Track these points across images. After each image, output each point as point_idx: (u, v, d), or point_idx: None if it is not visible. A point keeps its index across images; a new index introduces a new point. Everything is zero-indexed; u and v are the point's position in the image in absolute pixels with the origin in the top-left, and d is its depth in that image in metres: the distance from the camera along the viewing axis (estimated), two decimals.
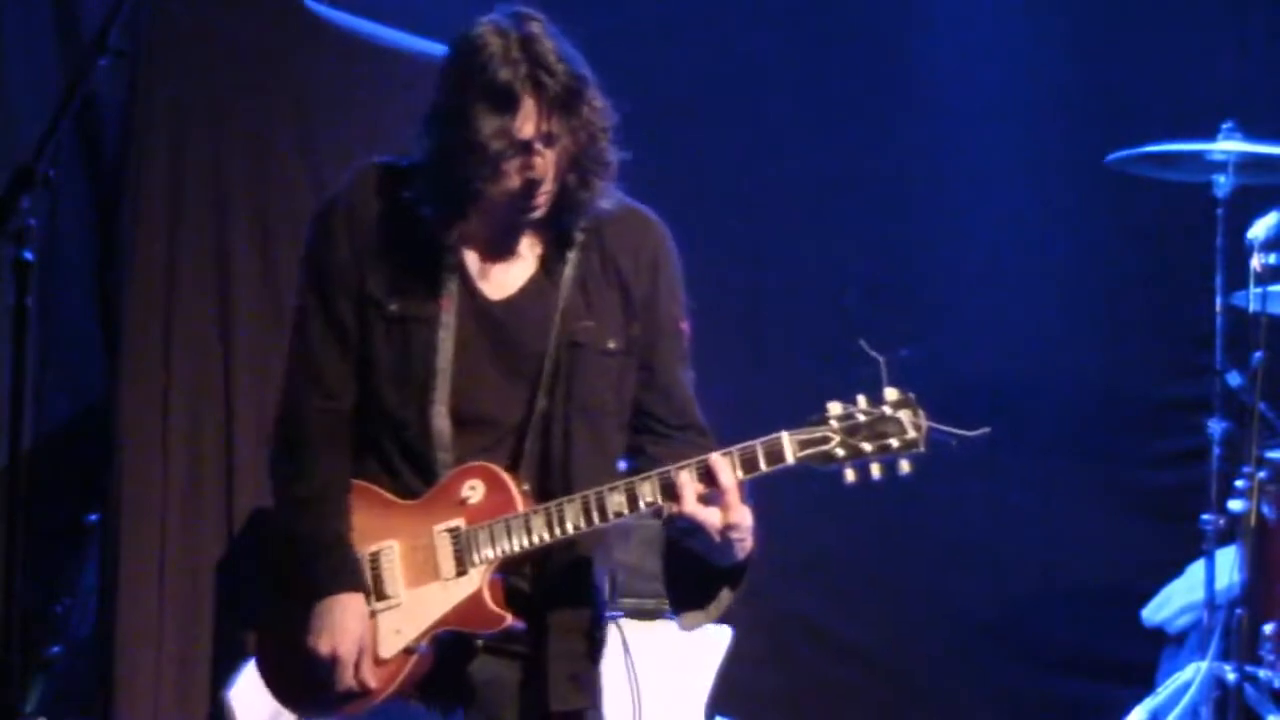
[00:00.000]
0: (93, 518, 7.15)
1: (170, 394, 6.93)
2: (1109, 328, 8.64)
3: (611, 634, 6.63)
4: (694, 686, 7.27)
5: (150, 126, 7.18)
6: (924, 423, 4.91)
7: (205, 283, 6.86)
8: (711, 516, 4.81)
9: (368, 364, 5.15)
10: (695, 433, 5.09)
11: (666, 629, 7.19)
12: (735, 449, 4.91)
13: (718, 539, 4.85)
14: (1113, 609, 8.30)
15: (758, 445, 4.90)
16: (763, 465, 4.90)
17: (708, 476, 4.84)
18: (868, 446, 4.91)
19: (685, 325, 5.17)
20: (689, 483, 4.82)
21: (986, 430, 4.96)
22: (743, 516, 4.83)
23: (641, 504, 4.89)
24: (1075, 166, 8.20)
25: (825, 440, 4.91)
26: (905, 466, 4.92)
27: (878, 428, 4.94)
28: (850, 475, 4.94)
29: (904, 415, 4.92)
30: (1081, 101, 8.70)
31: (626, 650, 7.06)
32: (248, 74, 7.09)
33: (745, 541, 4.88)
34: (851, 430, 4.91)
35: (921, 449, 4.90)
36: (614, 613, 7.00)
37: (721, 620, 7.02)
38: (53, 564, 7.37)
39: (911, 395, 4.95)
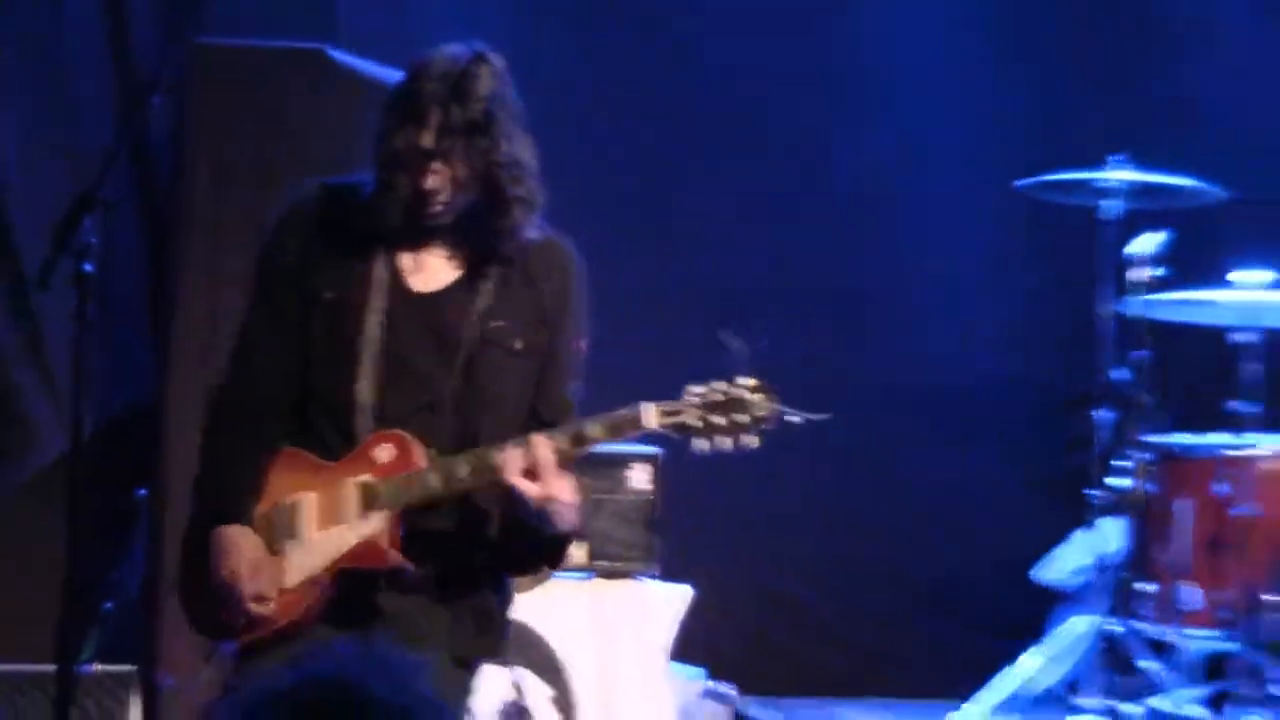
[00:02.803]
0: (141, 493, 7.15)
1: (216, 378, 6.92)
2: (1017, 332, 8.64)
3: (583, 591, 6.92)
4: (657, 640, 7.18)
5: (197, 157, 7.18)
6: (774, 405, 4.91)
7: (242, 293, 6.88)
8: (533, 489, 4.84)
9: (306, 346, 5.15)
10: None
11: (635, 588, 7.17)
12: (598, 419, 4.95)
13: (536, 508, 4.86)
14: (1020, 572, 8.23)
15: (624, 413, 4.94)
16: (627, 430, 4.95)
17: (538, 453, 4.85)
18: (721, 421, 4.91)
19: (583, 344, 5.18)
20: (514, 461, 4.87)
21: (828, 415, 4.96)
22: (561, 490, 4.84)
23: (497, 463, 4.88)
24: (990, 191, 8.12)
25: (683, 412, 4.92)
26: (753, 442, 4.91)
27: (732, 406, 4.93)
28: (704, 445, 4.92)
29: (756, 398, 4.92)
30: (994, 133, 8.65)
31: (597, 606, 6.98)
32: (278, 115, 7.08)
33: (565, 515, 4.89)
34: (708, 407, 4.91)
35: (769, 428, 4.89)
36: (588, 573, 6.97)
37: (680, 579, 7.17)
38: (107, 534, 7.32)
39: (765, 382, 4.94)
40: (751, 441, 4.90)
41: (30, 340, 7.78)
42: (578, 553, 6.40)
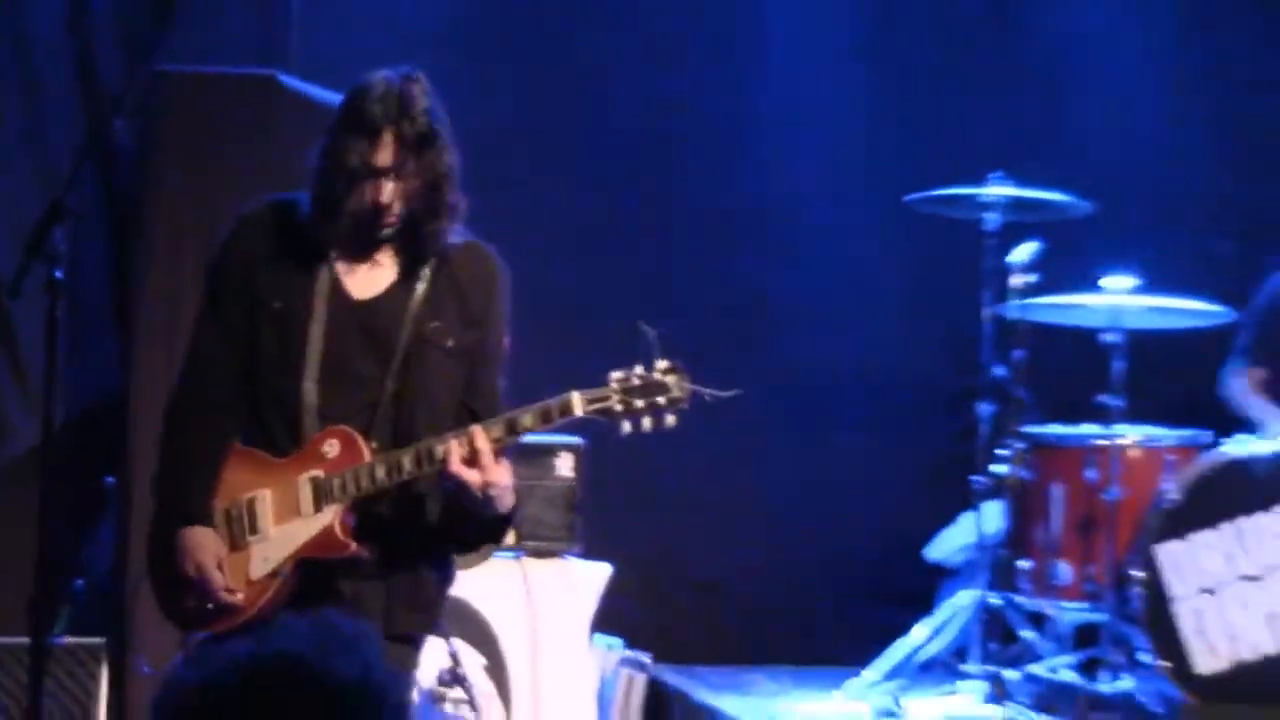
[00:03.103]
0: (109, 481, 7.16)
1: (165, 385, 6.88)
2: (909, 332, 8.64)
3: (514, 569, 6.98)
4: (580, 613, 7.25)
5: (157, 174, 7.20)
6: (688, 386, 4.95)
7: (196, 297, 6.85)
8: (473, 475, 4.87)
9: (255, 351, 5.14)
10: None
11: (560, 566, 7.24)
12: (526, 409, 4.99)
13: (479, 495, 4.91)
14: (912, 550, 8.31)
15: (553, 402, 4.97)
16: (557, 417, 4.97)
17: (475, 444, 4.89)
18: (641, 403, 4.95)
19: (506, 341, 5.23)
20: (457, 450, 4.90)
21: (738, 392, 4.98)
22: (498, 475, 4.88)
23: (439, 455, 4.92)
24: (884, 203, 8.10)
25: (607, 398, 4.96)
26: (671, 421, 4.97)
27: (650, 389, 4.97)
28: (627, 427, 4.98)
29: (671, 380, 4.96)
30: (889, 151, 8.68)
31: (527, 583, 7.02)
32: (233, 135, 7.08)
33: (503, 498, 4.93)
34: (628, 391, 4.94)
35: (685, 406, 4.94)
36: (518, 552, 7.01)
37: (600, 557, 7.27)
38: (77, 517, 7.36)
39: (678, 363, 4.99)
40: (670, 421, 4.96)
41: (3, 341, 7.76)
42: (509, 534, 6.49)
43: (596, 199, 8.73)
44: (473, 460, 4.90)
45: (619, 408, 4.99)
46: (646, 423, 5.00)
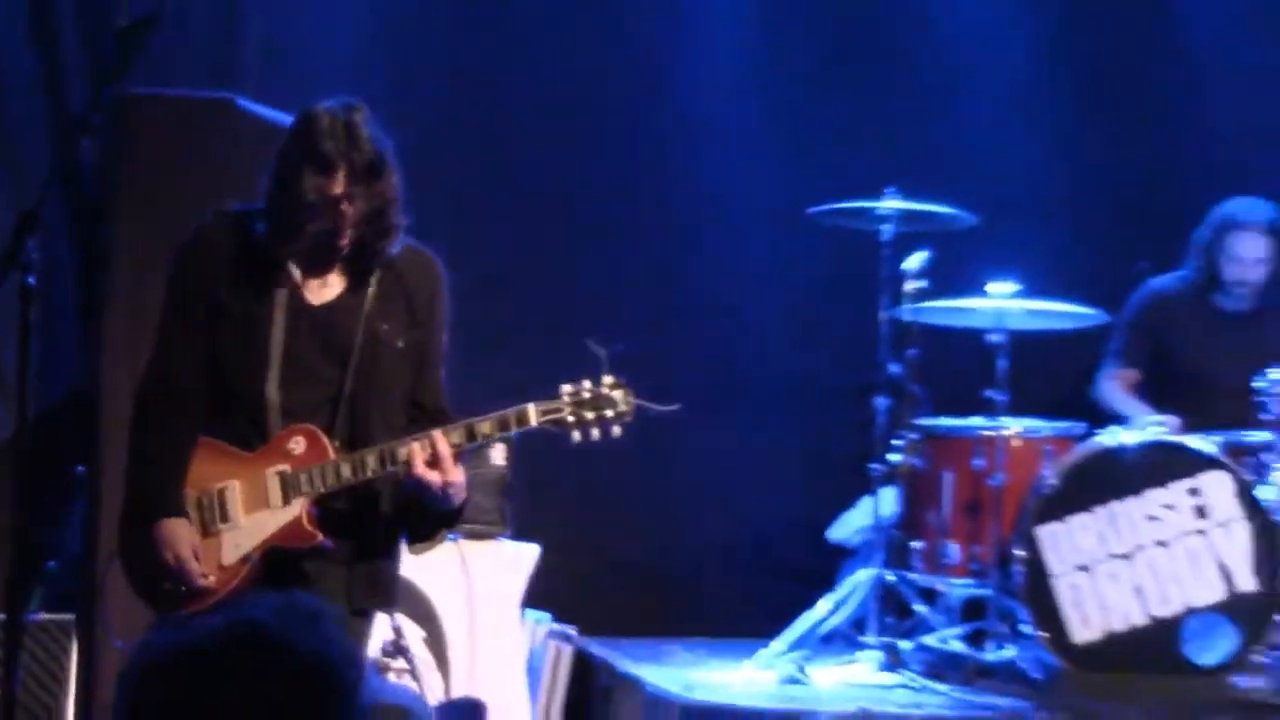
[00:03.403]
0: (79, 469, 7.13)
1: (131, 381, 6.78)
2: (814, 333, 8.67)
3: (453, 550, 6.98)
4: (511, 590, 7.30)
5: (122, 187, 7.13)
6: (633, 400, 5.06)
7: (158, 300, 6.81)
8: (434, 476, 4.95)
9: (219, 354, 5.17)
10: (445, 417, 5.17)
11: (494, 547, 7.25)
12: (484, 418, 5.06)
13: (436, 490, 4.98)
14: (816, 532, 8.35)
15: (510, 412, 5.05)
16: (514, 426, 5.06)
17: (436, 447, 4.97)
18: (590, 415, 5.05)
19: (445, 339, 5.30)
20: (420, 452, 4.98)
21: (676, 406, 5.17)
22: (457, 475, 4.98)
23: (401, 456, 5.00)
24: (791, 214, 8.10)
25: (559, 410, 5.04)
26: (617, 431, 5.08)
27: (599, 403, 5.07)
28: (577, 436, 5.08)
29: (618, 395, 5.06)
30: (793, 166, 8.67)
31: (465, 565, 7.04)
32: (193, 153, 6.99)
33: (459, 495, 5.02)
34: (579, 404, 5.04)
35: (629, 419, 5.05)
36: (456, 534, 6.96)
37: (530, 539, 7.32)
38: (50, 503, 7.27)
39: (623, 379, 5.09)
40: (616, 432, 5.08)
41: None
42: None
43: (522, 211, 8.72)
44: (434, 463, 4.97)
45: (570, 419, 5.08)
46: (595, 433, 5.10)
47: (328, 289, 5.22)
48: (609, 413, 5.10)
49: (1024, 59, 9.09)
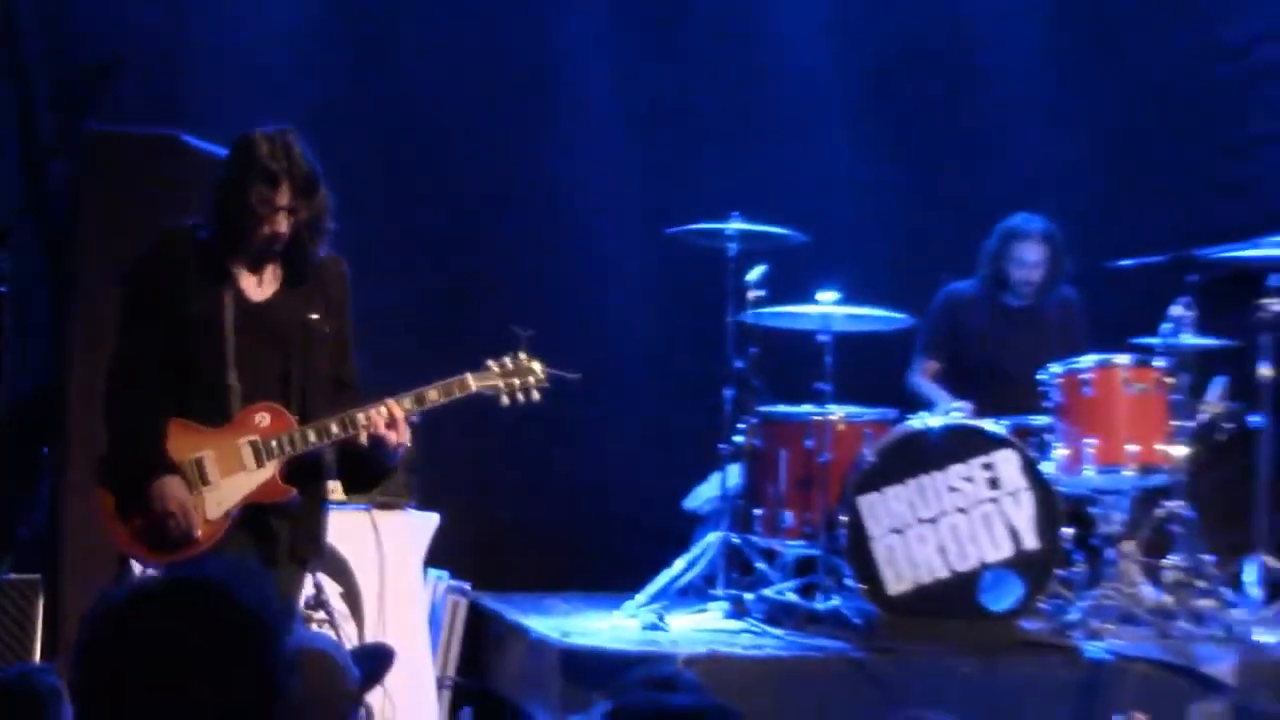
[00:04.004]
0: (45, 451, 7.12)
1: (96, 373, 6.67)
2: (674, 333, 8.73)
3: (366, 518, 7.02)
4: (415, 551, 7.34)
5: (83, 209, 7.13)
6: (548, 370, 5.39)
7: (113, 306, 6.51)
8: (392, 435, 5.15)
9: (181, 348, 5.25)
10: (361, 389, 5.35)
11: (400, 516, 7.27)
12: (432, 386, 5.29)
13: (391, 448, 5.18)
14: (675, 501, 8.38)
15: (453, 381, 5.30)
16: (458, 394, 5.31)
17: (393, 411, 5.17)
18: (516, 382, 5.34)
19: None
20: (380, 416, 5.16)
21: (579, 375, 5.52)
22: (406, 437, 5.18)
23: (361, 422, 5.17)
24: (653, 234, 8.10)
25: (492, 378, 5.34)
26: (536, 396, 5.40)
27: (522, 372, 5.37)
28: (505, 400, 5.38)
29: (535, 365, 5.38)
30: (656, 193, 8.74)
31: (376, 531, 7.06)
32: (144, 181, 6.97)
33: (403, 452, 5.22)
34: (506, 373, 5.33)
35: (546, 385, 5.38)
36: (368, 504, 7.00)
37: (431, 509, 7.37)
38: (20, 480, 7.26)
39: (538, 357, 5.41)
40: (535, 396, 5.37)
41: None
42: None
43: (431, 225, 8.76)
44: (391, 425, 5.15)
45: (501, 384, 5.33)
46: (520, 397, 5.37)
47: (264, 288, 5.32)
48: (531, 380, 5.38)
49: (849, 97, 9.13)
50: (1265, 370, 7.63)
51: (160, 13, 8.32)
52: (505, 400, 5.42)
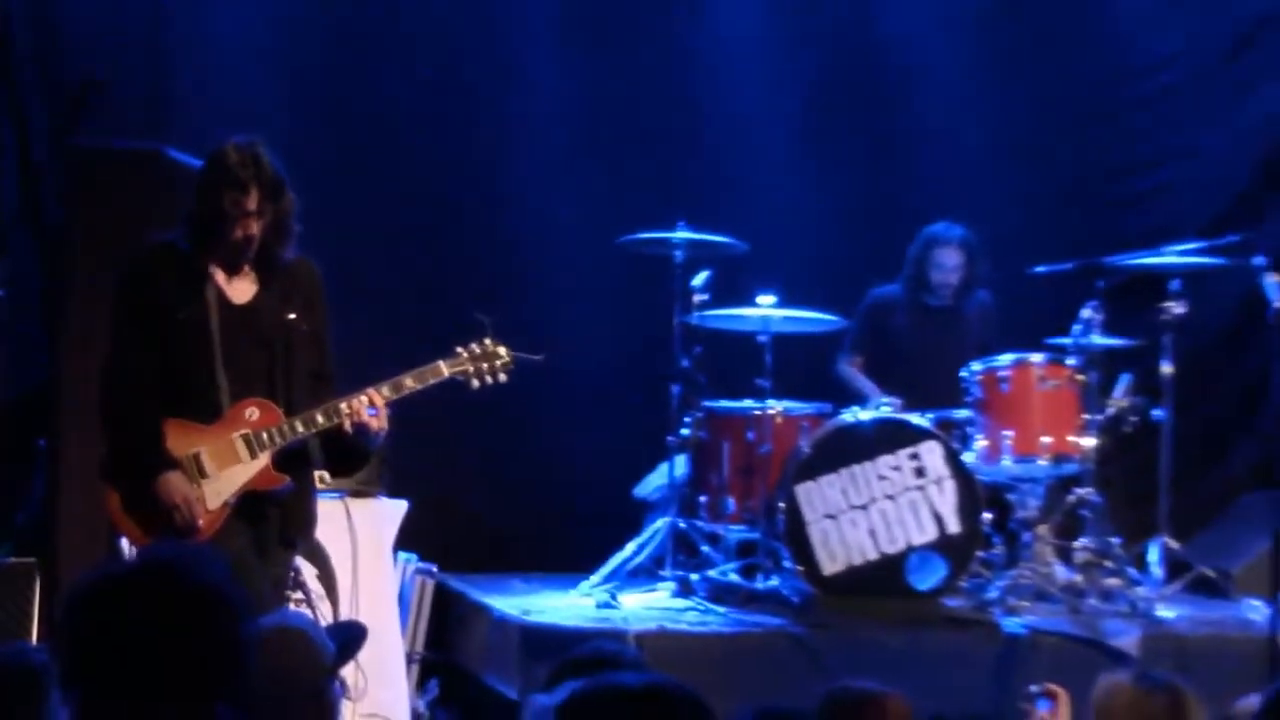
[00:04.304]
0: (41, 443, 7.13)
1: (88, 371, 6.34)
2: (626, 333, 8.58)
3: (339, 506, 6.95)
4: (386, 536, 7.30)
5: (75, 222, 7.11)
6: (513, 354, 5.45)
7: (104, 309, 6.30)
8: (374, 421, 5.19)
9: (171, 352, 5.28)
10: (334, 381, 5.39)
11: (372, 503, 7.22)
12: (407, 373, 5.34)
13: (373, 434, 5.21)
14: (627, 489, 8.33)
15: (427, 368, 5.35)
16: (431, 380, 5.36)
17: (374, 400, 5.21)
18: (485, 366, 5.40)
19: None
20: (362, 405, 5.19)
21: (542, 356, 5.60)
22: (384, 422, 5.20)
23: (345, 411, 5.20)
24: (606, 242, 8.02)
25: (463, 363, 5.38)
26: (503, 378, 5.44)
27: (489, 357, 5.43)
28: (475, 384, 5.43)
29: (501, 350, 5.43)
30: (610, 203, 8.64)
31: (349, 517, 7.01)
32: (130, 193, 6.94)
33: (383, 436, 5.23)
34: (475, 358, 5.38)
35: (512, 368, 5.43)
36: (342, 492, 6.96)
37: (400, 496, 7.35)
38: (17, 470, 7.31)
39: (503, 341, 5.47)
40: (503, 378, 5.42)
41: None
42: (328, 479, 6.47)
43: (402, 229, 8.68)
44: (372, 411, 5.19)
45: (471, 369, 5.38)
46: (489, 379, 5.41)
47: (244, 291, 5.34)
48: (498, 363, 5.43)
49: (787, 112, 9.10)
50: (1166, 368, 7.77)
51: (144, 36, 8.25)
52: (475, 383, 5.49)
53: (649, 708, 2.80)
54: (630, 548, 7.89)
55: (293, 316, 5.37)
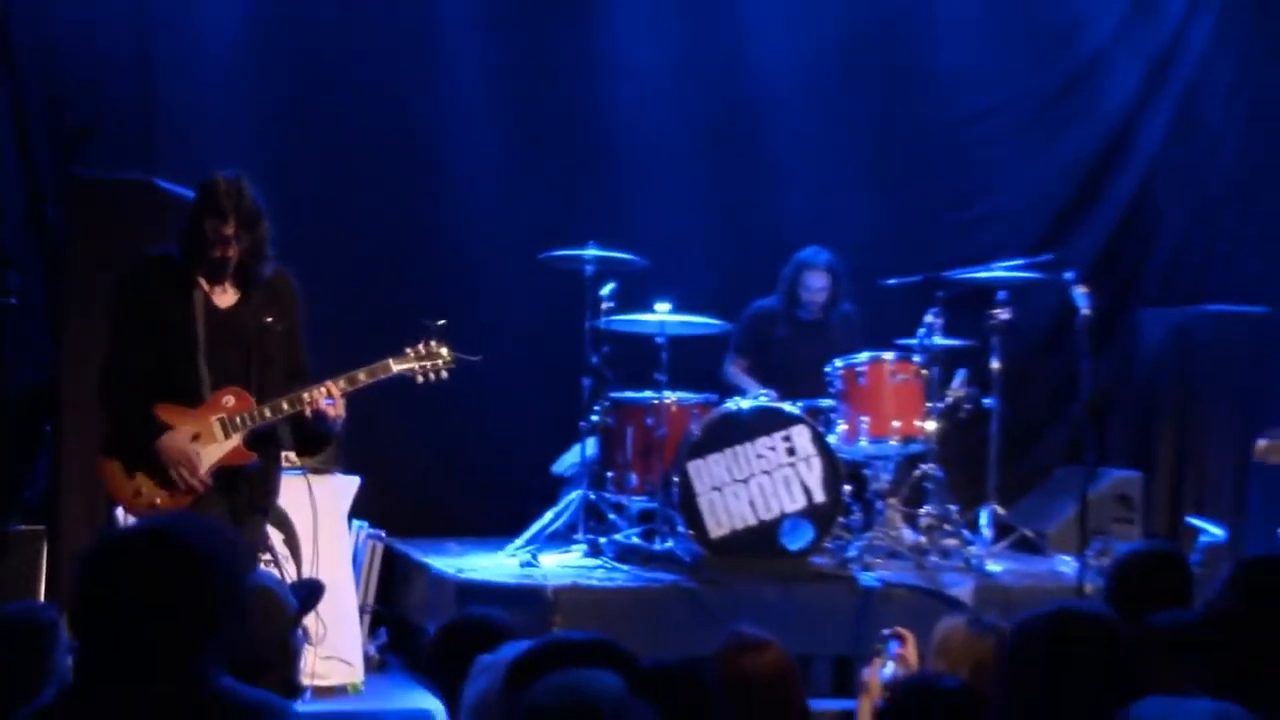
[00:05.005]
0: (46, 428, 7.08)
1: (85, 367, 6.40)
2: (547, 334, 8.48)
3: (302, 481, 6.85)
4: (342, 506, 7.24)
5: (74, 240, 6.98)
6: (454, 354, 5.40)
7: (99, 315, 6.18)
8: (333, 409, 5.16)
9: (162, 348, 5.23)
10: (310, 375, 5.33)
11: (330, 479, 7.13)
12: (361, 369, 5.29)
13: (332, 420, 5.17)
14: (543, 466, 8.26)
15: (378, 365, 5.31)
16: (382, 375, 5.32)
17: (332, 391, 5.17)
18: (429, 365, 5.36)
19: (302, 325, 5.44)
20: (321, 395, 5.16)
21: (480, 357, 5.54)
22: (341, 410, 5.16)
23: (306, 400, 5.17)
24: (530, 256, 7.91)
25: (410, 362, 5.34)
26: (445, 375, 5.41)
27: (433, 356, 5.39)
28: (420, 380, 5.39)
29: (444, 350, 5.39)
30: (532, 223, 8.54)
31: (310, 491, 6.91)
32: (124, 219, 6.86)
33: (340, 422, 5.19)
34: (420, 357, 5.33)
35: (453, 367, 5.38)
36: (303, 469, 6.84)
37: (353, 473, 7.29)
38: (26, 451, 7.26)
39: (447, 343, 5.43)
40: (445, 376, 5.38)
41: None
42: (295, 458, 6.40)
43: (357, 247, 8.57)
44: (330, 401, 5.15)
45: (416, 367, 5.33)
46: (432, 376, 5.37)
47: (226, 297, 5.30)
48: (439, 362, 5.39)
49: (683, 140, 9.03)
50: (995, 364, 7.84)
51: (135, 82, 8.17)
52: (420, 379, 5.46)
53: (592, 655, 2.81)
54: (549, 516, 7.88)
55: (269, 320, 5.33)
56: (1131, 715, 2.75)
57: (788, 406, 7.44)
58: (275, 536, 6.68)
